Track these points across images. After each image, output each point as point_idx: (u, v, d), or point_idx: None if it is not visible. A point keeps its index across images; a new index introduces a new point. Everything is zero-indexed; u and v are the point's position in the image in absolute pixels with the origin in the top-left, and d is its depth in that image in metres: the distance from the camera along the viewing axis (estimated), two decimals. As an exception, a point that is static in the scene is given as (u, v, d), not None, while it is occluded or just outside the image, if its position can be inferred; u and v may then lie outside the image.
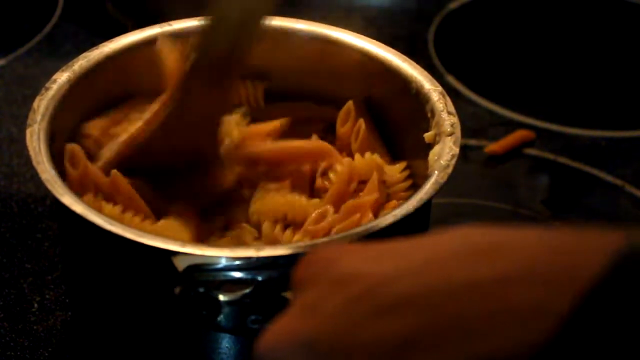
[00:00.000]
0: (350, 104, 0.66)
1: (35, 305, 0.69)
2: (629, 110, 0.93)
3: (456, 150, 0.59)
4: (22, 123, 0.59)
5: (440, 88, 0.64)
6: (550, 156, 0.85)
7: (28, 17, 1.00)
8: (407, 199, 0.56)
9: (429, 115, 0.63)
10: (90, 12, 0.99)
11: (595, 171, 0.84)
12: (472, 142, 0.86)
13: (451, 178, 0.57)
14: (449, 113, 0.62)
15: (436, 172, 0.57)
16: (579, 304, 0.31)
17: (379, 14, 1.03)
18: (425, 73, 0.65)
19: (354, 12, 1.02)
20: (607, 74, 0.98)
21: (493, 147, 0.85)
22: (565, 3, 1.07)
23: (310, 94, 0.70)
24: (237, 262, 0.50)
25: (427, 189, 0.56)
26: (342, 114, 0.67)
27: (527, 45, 1.01)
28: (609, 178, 0.83)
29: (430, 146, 0.61)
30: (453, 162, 0.58)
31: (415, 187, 0.63)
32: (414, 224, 0.55)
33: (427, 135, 0.62)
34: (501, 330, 0.32)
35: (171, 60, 0.64)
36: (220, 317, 0.49)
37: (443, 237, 0.37)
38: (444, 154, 0.59)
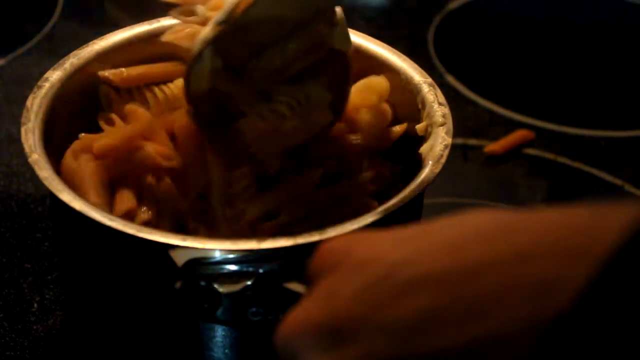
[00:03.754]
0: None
1: (35, 305, 0.68)
2: (629, 110, 0.93)
3: (449, 140, 0.59)
4: (22, 123, 0.59)
5: (429, 79, 0.64)
6: (550, 156, 0.85)
7: (28, 17, 1.00)
8: (402, 189, 0.56)
9: (420, 106, 0.63)
10: (91, 12, 0.99)
11: (595, 171, 0.83)
12: (472, 142, 0.85)
13: (451, 178, 0.57)
14: (440, 104, 0.62)
15: (430, 162, 0.57)
16: (596, 275, 0.31)
17: (379, 14, 1.03)
18: (415, 65, 0.65)
19: (354, 12, 1.02)
20: (607, 74, 0.98)
21: (493, 147, 0.85)
22: (565, 3, 1.07)
23: None
24: (238, 255, 0.50)
25: (421, 179, 0.56)
26: None
27: (527, 45, 1.01)
28: (609, 178, 0.83)
29: (422, 137, 0.61)
30: (446, 152, 0.58)
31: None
32: (407, 214, 0.55)
33: (419, 127, 0.62)
34: (518, 305, 0.32)
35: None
36: (221, 310, 0.49)
37: (457, 220, 0.37)
38: (437, 144, 0.59)
